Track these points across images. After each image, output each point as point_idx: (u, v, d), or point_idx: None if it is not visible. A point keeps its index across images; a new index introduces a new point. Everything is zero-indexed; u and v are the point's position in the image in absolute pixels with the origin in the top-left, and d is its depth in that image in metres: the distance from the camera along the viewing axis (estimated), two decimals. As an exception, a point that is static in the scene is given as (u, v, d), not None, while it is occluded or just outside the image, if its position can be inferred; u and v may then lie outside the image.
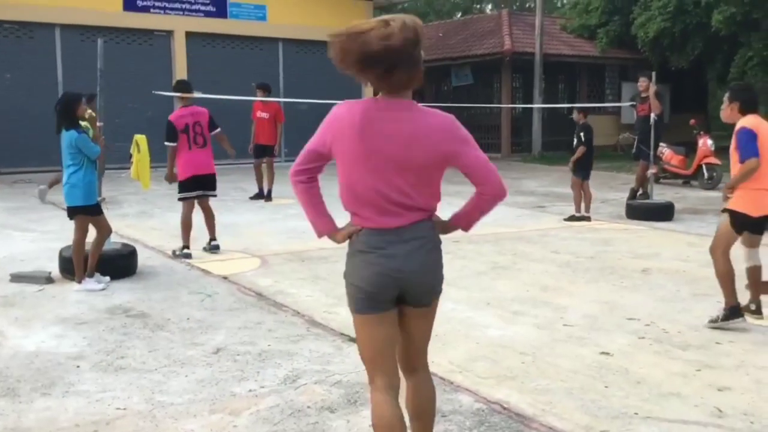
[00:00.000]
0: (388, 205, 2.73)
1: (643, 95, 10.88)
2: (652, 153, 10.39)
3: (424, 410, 2.93)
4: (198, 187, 7.62)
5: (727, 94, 5.31)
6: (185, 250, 7.37)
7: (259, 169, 11.70)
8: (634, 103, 11.54)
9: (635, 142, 11.26)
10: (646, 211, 10.11)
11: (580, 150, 9.89)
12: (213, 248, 7.68)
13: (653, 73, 10.82)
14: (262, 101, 11.57)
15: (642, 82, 10.94)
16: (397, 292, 2.79)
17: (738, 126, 5.12)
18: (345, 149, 2.81)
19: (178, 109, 7.76)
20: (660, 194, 11.33)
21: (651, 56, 20.72)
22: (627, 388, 4.05)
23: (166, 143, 7.31)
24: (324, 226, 3.05)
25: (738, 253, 5.37)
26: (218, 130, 7.89)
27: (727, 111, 5.26)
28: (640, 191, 11.19)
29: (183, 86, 8.02)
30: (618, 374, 4.25)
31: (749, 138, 5.01)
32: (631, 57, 22.27)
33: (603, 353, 4.60)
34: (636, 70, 20.79)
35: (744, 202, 5.10)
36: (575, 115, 10.27)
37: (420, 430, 2.93)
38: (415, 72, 2.67)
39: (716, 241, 5.30)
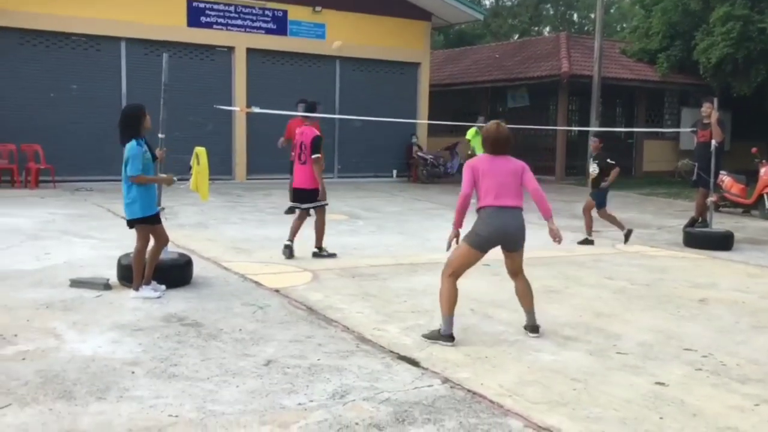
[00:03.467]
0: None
1: (705, 121, 10.66)
2: (712, 181, 10.15)
3: (525, 294, 5.57)
4: (293, 199, 8.73)
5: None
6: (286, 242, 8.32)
7: None
8: (695, 128, 11.31)
9: (695, 169, 11.02)
10: (704, 239, 9.88)
11: (615, 172, 9.98)
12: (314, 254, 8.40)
13: (716, 100, 10.60)
14: (302, 120, 10.71)
15: (706, 107, 10.72)
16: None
17: None
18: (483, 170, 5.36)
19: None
20: (719, 223, 11.06)
21: (713, 82, 20.32)
22: (683, 420, 3.95)
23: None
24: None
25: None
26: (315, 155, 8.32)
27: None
28: (700, 219, 10.94)
29: (308, 107, 8.91)
30: (673, 405, 4.14)
31: None
32: (692, 82, 21.87)
33: (658, 383, 4.49)
34: (697, 96, 20.44)
35: None
36: (593, 143, 10.38)
37: (526, 305, 5.56)
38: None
39: None
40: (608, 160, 10.00)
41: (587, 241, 9.99)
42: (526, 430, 3.76)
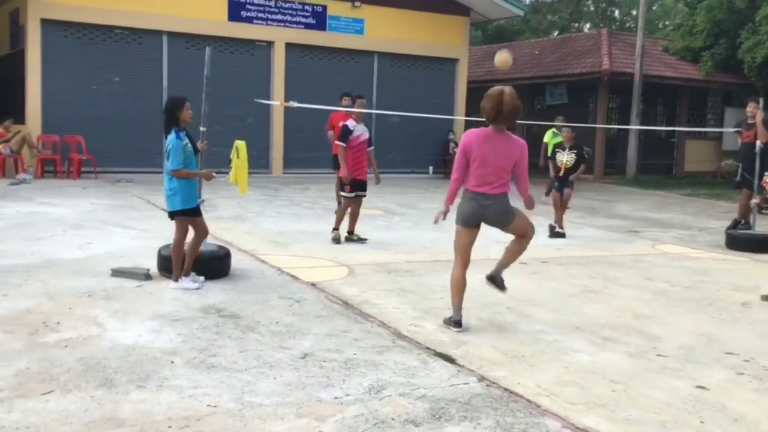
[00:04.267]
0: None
1: (750, 122, 10.44)
2: (756, 182, 9.94)
3: (513, 251, 5.68)
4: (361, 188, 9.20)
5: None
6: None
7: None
8: (739, 129, 11.08)
9: (739, 170, 10.81)
10: (747, 241, 9.68)
11: (582, 168, 10.32)
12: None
13: (761, 99, 10.38)
14: (345, 112, 10.59)
15: (751, 107, 10.50)
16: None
17: None
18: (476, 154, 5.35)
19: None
20: (763, 225, 10.82)
21: (757, 82, 19.91)
22: (724, 424, 3.87)
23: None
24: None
25: None
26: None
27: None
28: (742, 221, 10.72)
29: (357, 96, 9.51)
30: (714, 410, 4.07)
31: None
32: (736, 82, 21.46)
33: (699, 387, 4.41)
34: (741, 95, 20.04)
35: None
36: (566, 133, 10.51)
37: (505, 259, 5.70)
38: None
39: None
40: (585, 151, 10.38)
41: (558, 234, 10.02)
42: (564, 430, 3.72)
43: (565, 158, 10.23)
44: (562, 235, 10.01)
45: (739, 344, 5.34)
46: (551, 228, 10.06)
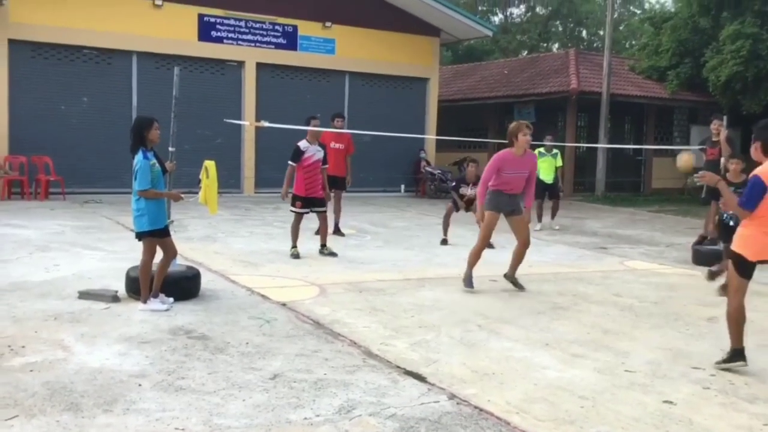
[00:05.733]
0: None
1: (715, 139, 10.65)
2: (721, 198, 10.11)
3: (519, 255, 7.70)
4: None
5: (754, 134, 5.14)
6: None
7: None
8: (704, 146, 11.29)
9: (704, 187, 10.98)
10: (713, 257, 9.81)
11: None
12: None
13: (725, 117, 10.59)
14: (334, 132, 11.14)
15: (715, 124, 10.70)
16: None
17: (754, 172, 4.99)
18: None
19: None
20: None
21: (722, 100, 20.32)
22: (690, 439, 3.92)
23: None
24: None
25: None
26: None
27: (753, 151, 5.12)
28: (708, 237, 10.88)
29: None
30: (681, 424, 4.12)
31: (757, 191, 4.89)
32: (701, 100, 21.88)
33: (666, 402, 4.46)
34: (706, 113, 20.41)
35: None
36: (471, 167, 11.09)
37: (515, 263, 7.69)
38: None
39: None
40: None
41: (444, 242, 10.86)
42: (533, 447, 3.74)
43: (469, 192, 10.77)
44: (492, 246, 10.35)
45: (706, 359, 5.41)
46: (444, 241, 10.89)
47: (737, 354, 5.13)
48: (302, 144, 9.33)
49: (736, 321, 5.17)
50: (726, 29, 19.76)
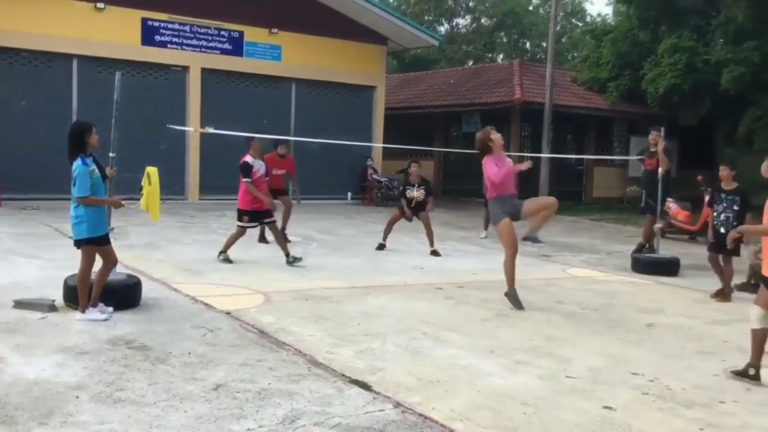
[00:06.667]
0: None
1: (652, 150, 10.91)
2: (659, 208, 10.39)
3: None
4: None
5: None
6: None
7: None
8: (642, 156, 11.57)
9: (643, 196, 11.27)
10: (652, 265, 10.08)
11: (431, 203, 11.31)
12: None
13: (663, 128, 10.88)
14: (277, 158, 11.33)
15: (653, 135, 10.98)
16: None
17: None
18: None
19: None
20: (666, 249, 11.29)
21: (660, 112, 20.87)
22: (630, 444, 4.00)
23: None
24: None
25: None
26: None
27: (765, 168, 5.27)
28: (647, 245, 11.16)
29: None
30: (621, 430, 4.20)
31: None
32: (641, 112, 22.44)
33: (606, 407, 4.55)
34: (645, 124, 20.91)
35: None
36: (414, 168, 11.29)
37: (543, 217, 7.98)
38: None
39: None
40: (429, 186, 11.52)
41: (381, 246, 11.05)
42: (477, 454, 3.76)
43: (415, 194, 11.01)
44: (439, 254, 10.82)
45: (645, 365, 5.54)
46: (381, 246, 11.06)
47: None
48: (249, 159, 9.41)
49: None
50: (664, 43, 20.33)
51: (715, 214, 8.43)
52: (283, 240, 9.67)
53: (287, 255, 9.29)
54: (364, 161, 19.98)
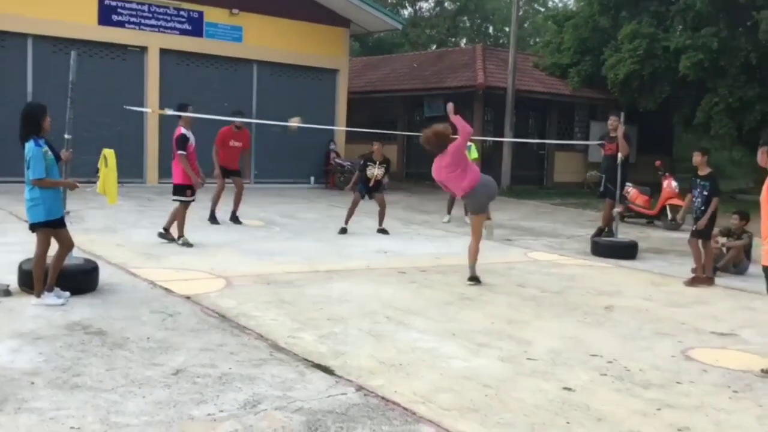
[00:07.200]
0: None
1: (612, 135, 11.04)
2: (618, 192, 10.52)
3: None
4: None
5: (762, 139, 5.39)
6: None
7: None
8: (602, 142, 11.70)
9: (602, 181, 11.41)
10: (610, 248, 10.22)
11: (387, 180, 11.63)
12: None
13: (623, 114, 11.01)
14: (234, 130, 11.29)
15: (612, 121, 11.11)
16: None
17: None
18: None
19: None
20: (625, 233, 11.47)
21: (620, 97, 21.11)
22: (588, 425, 4.05)
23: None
24: None
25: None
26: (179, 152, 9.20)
27: (761, 156, 5.34)
28: (606, 229, 11.31)
29: (180, 106, 9.64)
30: (580, 410, 4.25)
31: None
32: (601, 97, 22.66)
33: (565, 389, 4.60)
34: (605, 110, 21.17)
35: None
36: (376, 146, 11.35)
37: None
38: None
39: None
40: (390, 164, 11.65)
41: (344, 230, 11.08)
42: (439, 437, 3.78)
43: (376, 171, 11.12)
44: (387, 232, 11.18)
45: (603, 346, 5.62)
46: (343, 230, 11.07)
47: None
48: (184, 131, 9.27)
49: None
50: (624, 29, 20.53)
51: (693, 198, 8.63)
52: (184, 220, 9.27)
53: (180, 237, 9.16)
54: (327, 145, 19.87)
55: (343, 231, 11.00)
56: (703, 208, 8.38)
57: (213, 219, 11.15)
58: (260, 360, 4.83)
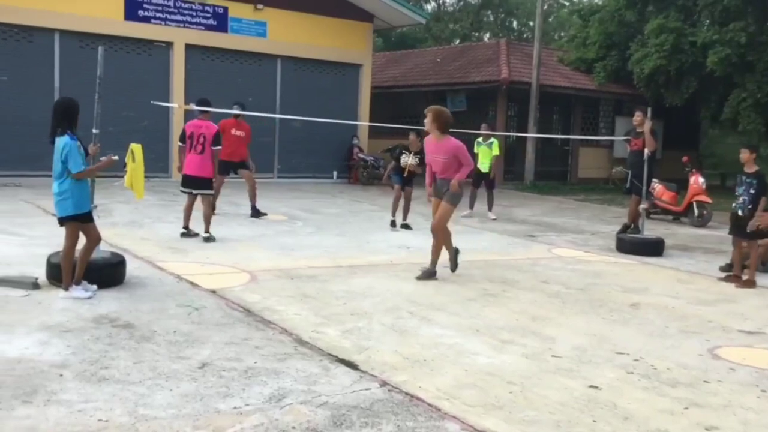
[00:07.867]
0: None
1: (638, 130, 10.94)
2: (644, 188, 10.43)
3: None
4: (186, 185, 9.31)
5: None
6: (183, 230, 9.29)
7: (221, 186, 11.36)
8: (628, 137, 11.60)
9: (628, 177, 11.31)
10: (636, 245, 10.13)
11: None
12: (204, 239, 9.05)
13: (649, 109, 10.90)
14: (236, 120, 11.44)
15: (637, 116, 11.01)
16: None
17: None
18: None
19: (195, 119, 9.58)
20: (651, 229, 11.36)
21: (646, 92, 20.90)
22: (615, 423, 4.02)
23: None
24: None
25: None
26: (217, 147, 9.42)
27: None
28: (632, 226, 11.22)
29: (204, 102, 9.80)
30: (606, 409, 4.22)
31: None
32: (627, 92, 22.45)
33: (591, 386, 4.57)
34: (631, 105, 20.99)
35: None
36: (413, 136, 11.18)
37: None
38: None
39: None
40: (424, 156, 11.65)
41: (393, 222, 11.20)
42: (463, 433, 3.77)
43: (410, 160, 11.04)
44: (410, 227, 11.11)
45: (629, 344, 5.57)
46: (393, 223, 11.17)
47: None
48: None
49: None
50: (650, 23, 20.31)
51: (736, 195, 8.47)
52: (210, 215, 9.30)
53: (186, 228, 9.30)
54: (350, 140, 19.89)
55: (393, 224, 11.16)
56: (750, 206, 8.18)
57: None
58: (285, 354, 4.85)
